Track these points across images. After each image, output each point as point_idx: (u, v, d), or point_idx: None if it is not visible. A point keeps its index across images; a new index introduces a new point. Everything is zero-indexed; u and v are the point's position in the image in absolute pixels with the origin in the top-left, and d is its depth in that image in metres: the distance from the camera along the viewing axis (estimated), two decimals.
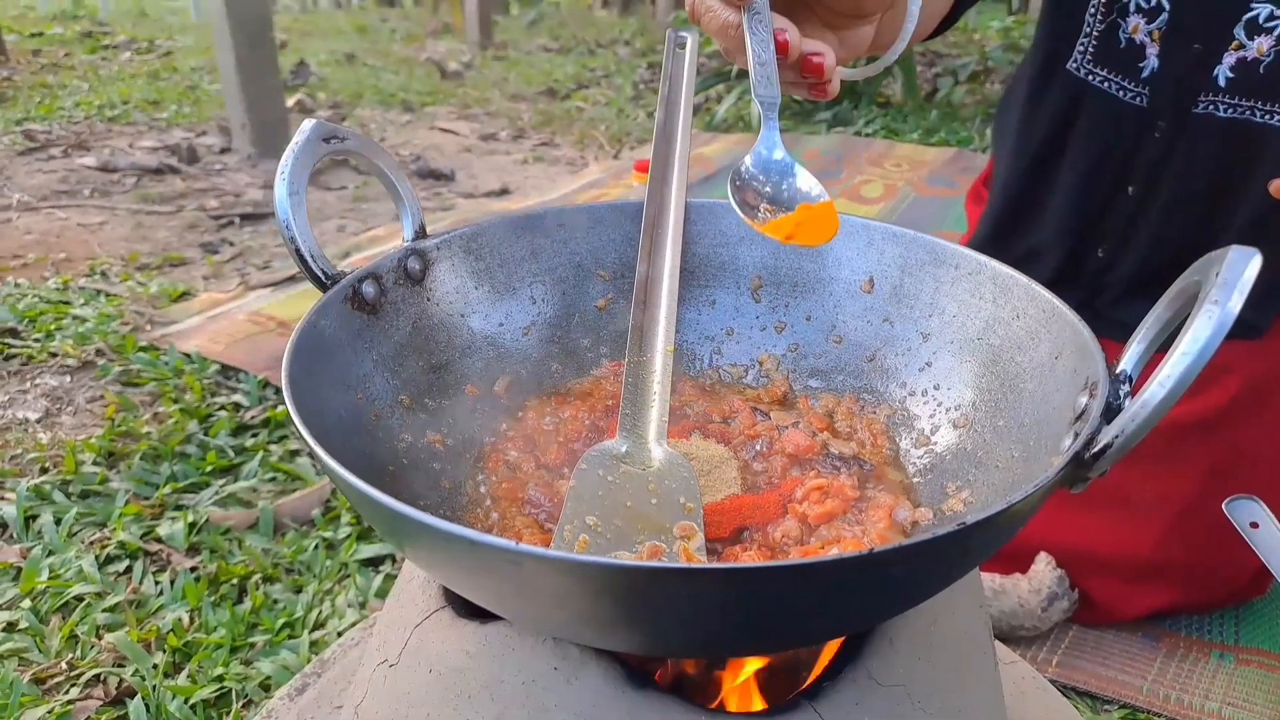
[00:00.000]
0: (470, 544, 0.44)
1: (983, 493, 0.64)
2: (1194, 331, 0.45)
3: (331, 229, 3.06)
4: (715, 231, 0.86)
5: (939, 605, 0.64)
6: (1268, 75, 1.12)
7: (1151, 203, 1.23)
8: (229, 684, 1.28)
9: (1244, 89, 1.13)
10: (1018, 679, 0.97)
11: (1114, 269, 1.29)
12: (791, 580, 0.43)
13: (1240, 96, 1.14)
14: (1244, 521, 0.86)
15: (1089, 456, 0.48)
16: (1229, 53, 1.13)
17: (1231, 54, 1.13)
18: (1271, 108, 1.12)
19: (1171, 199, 1.22)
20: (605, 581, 0.44)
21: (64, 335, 2.22)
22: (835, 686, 0.57)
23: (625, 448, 0.68)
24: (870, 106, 4.51)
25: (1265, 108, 1.13)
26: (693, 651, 0.62)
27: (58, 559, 1.51)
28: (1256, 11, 1.11)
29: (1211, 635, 1.34)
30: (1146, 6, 1.17)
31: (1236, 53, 1.13)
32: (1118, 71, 1.21)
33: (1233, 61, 1.13)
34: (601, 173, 3.71)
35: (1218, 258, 0.47)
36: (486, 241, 0.80)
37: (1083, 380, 0.56)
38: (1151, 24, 1.17)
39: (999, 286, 0.70)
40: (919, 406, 0.74)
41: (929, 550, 0.44)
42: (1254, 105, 1.13)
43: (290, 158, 0.67)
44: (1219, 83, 1.14)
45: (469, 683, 0.57)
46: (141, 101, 4.52)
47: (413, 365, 0.73)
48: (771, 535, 0.64)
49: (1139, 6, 1.17)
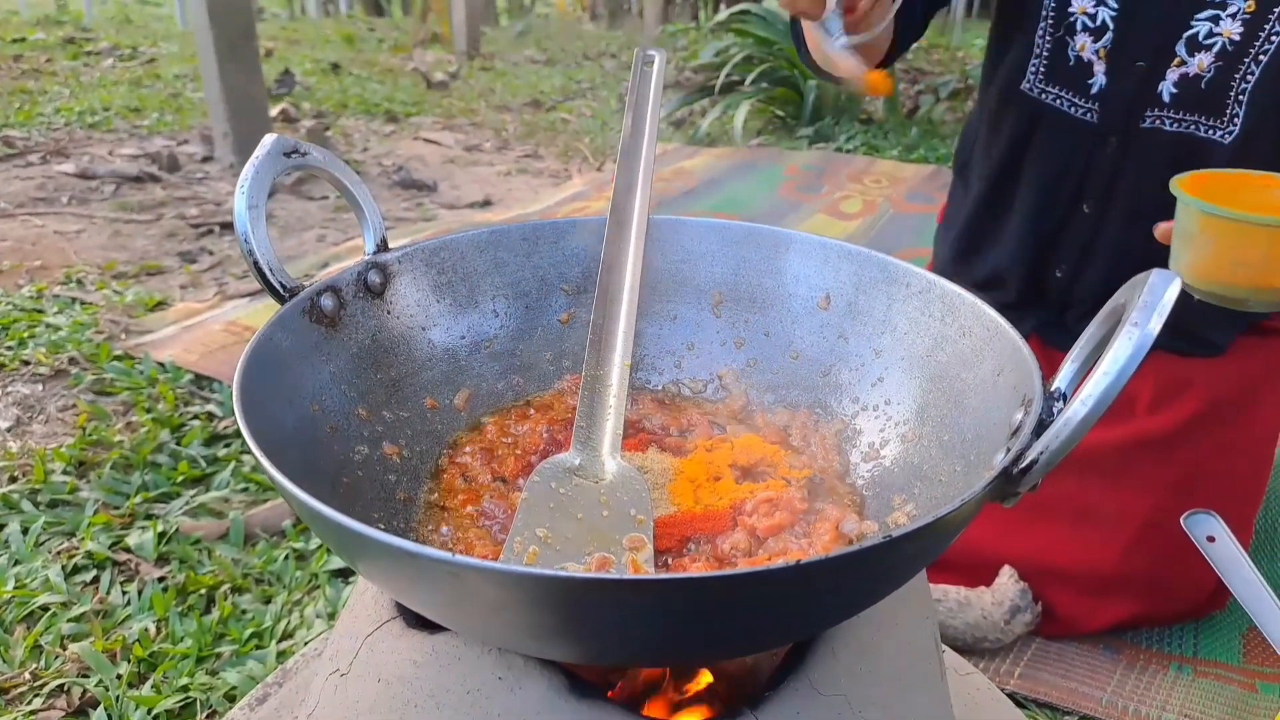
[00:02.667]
0: (409, 556, 0.45)
1: (926, 506, 0.65)
2: (1114, 352, 0.46)
3: (312, 239, 3.06)
4: (677, 247, 0.87)
5: (883, 614, 0.65)
6: (1209, 90, 1.16)
7: (1108, 219, 1.27)
8: (194, 694, 1.28)
9: (1187, 104, 1.18)
10: (972, 690, 0.98)
11: (1076, 286, 1.31)
12: (723, 590, 0.44)
13: (1184, 111, 1.18)
14: (1201, 536, 0.88)
15: (1017, 471, 0.49)
16: (1172, 69, 1.17)
17: (1174, 70, 1.17)
18: (1213, 123, 1.17)
19: (1126, 214, 1.25)
20: (542, 592, 0.45)
21: (37, 343, 2.22)
22: (777, 695, 0.58)
23: (579, 460, 0.69)
24: (851, 123, 4.54)
25: (1208, 123, 1.17)
26: (633, 661, 0.63)
27: (24, 568, 1.50)
28: (1196, 29, 1.15)
29: (1171, 648, 1.35)
30: (1092, 25, 1.21)
31: (1179, 69, 1.17)
32: (1068, 89, 1.25)
33: (1175, 78, 1.17)
34: (584, 185, 3.72)
35: (1141, 280, 0.48)
36: (449, 255, 0.81)
37: (1020, 397, 0.58)
38: (1097, 42, 1.21)
39: (947, 305, 0.71)
40: (869, 421, 0.75)
41: (858, 561, 0.45)
42: (1197, 120, 1.18)
43: (250, 171, 0.68)
44: (1164, 98, 1.19)
45: (415, 692, 0.58)
46: (123, 109, 4.51)
47: (371, 378, 0.74)
48: (720, 547, 0.65)
49: (1085, 25, 1.21)
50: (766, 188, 3.63)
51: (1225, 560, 0.87)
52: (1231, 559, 0.87)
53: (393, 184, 3.67)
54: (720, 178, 3.73)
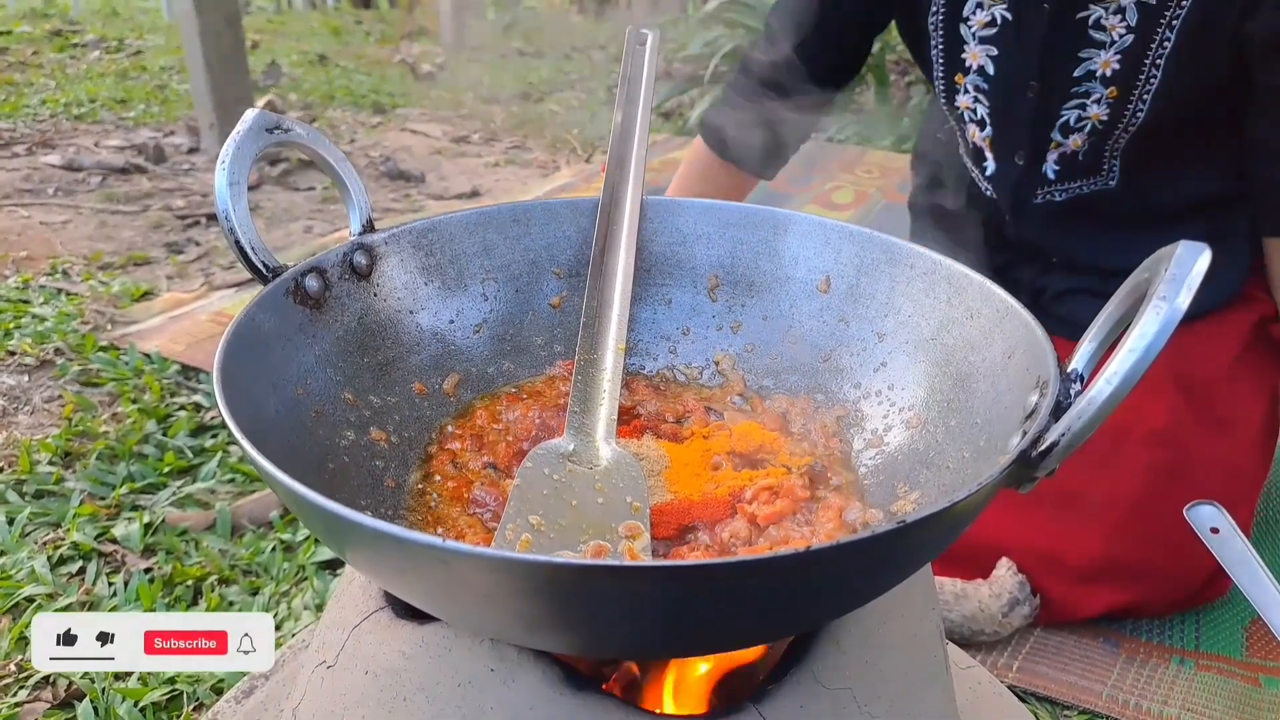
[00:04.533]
0: (397, 541, 0.43)
1: (933, 493, 0.63)
2: (1141, 327, 0.44)
3: (298, 230, 3.03)
4: (672, 229, 0.85)
5: (888, 607, 0.63)
6: (1086, 160, 1.26)
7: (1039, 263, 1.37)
8: (180, 687, 1.26)
9: (1070, 175, 1.29)
10: (974, 684, 0.96)
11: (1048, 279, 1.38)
12: (725, 579, 0.42)
13: (1068, 182, 1.28)
14: (1204, 527, 0.86)
15: (1035, 455, 0.47)
16: (1051, 151, 1.26)
17: (1053, 151, 1.27)
18: (1094, 180, 1.28)
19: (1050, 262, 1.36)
20: (536, 580, 0.42)
21: (22, 334, 2.18)
22: (780, 689, 0.56)
23: (573, 446, 0.67)
24: (843, 113, 4.52)
25: (1090, 182, 1.28)
26: (629, 653, 0.61)
27: (9, 559, 1.48)
28: (1065, 117, 1.23)
29: (1172, 640, 1.34)
30: (974, 119, 1.30)
31: (1056, 150, 1.27)
32: (974, 165, 1.35)
33: (1055, 158, 1.28)
34: (573, 176, 3.69)
35: (1167, 254, 0.46)
36: (437, 237, 0.79)
37: (1035, 379, 0.56)
38: (982, 132, 1.30)
39: (953, 286, 0.69)
40: (872, 407, 0.73)
41: (868, 548, 0.43)
42: (1081, 184, 1.29)
43: (231, 147, 0.65)
44: (1049, 175, 1.29)
45: (404, 684, 0.56)
46: (109, 100, 4.46)
47: (358, 362, 0.71)
48: (720, 535, 0.63)
49: (971, 117, 1.30)
50: None
51: (1230, 552, 0.85)
52: (1236, 551, 0.85)
53: (380, 175, 3.63)
54: None
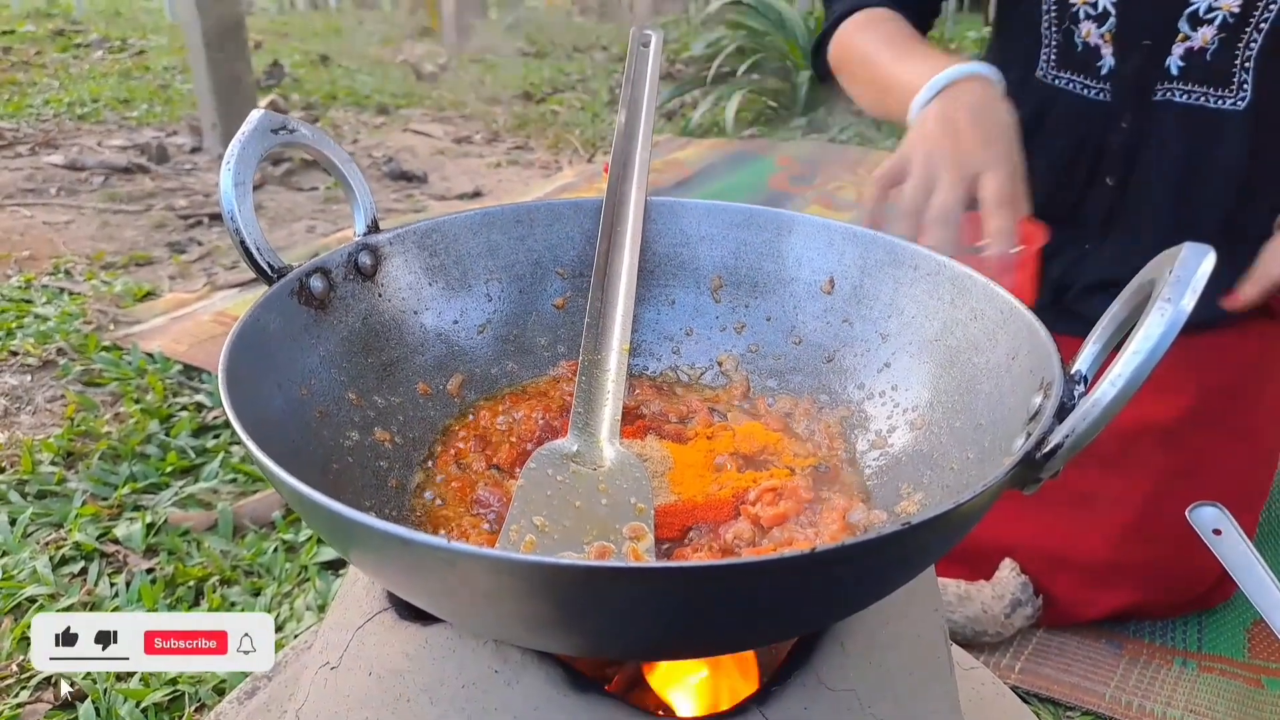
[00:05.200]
0: (402, 542, 0.42)
1: (937, 495, 0.63)
2: (1146, 329, 0.44)
3: (301, 230, 3.04)
4: (676, 230, 0.84)
5: (892, 608, 0.63)
6: (1214, 62, 1.21)
7: (1128, 193, 1.30)
8: (182, 688, 1.26)
9: (1195, 76, 1.22)
10: (977, 685, 0.96)
11: (1085, 266, 1.32)
12: (729, 580, 0.42)
13: (1193, 83, 1.22)
14: (1207, 529, 0.86)
15: (1039, 457, 0.47)
16: (1177, 44, 1.21)
17: (1179, 45, 1.21)
18: (1222, 93, 1.21)
19: (1145, 189, 1.28)
20: (540, 581, 0.42)
21: (25, 334, 2.19)
22: (784, 691, 0.56)
23: (576, 447, 0.67)
24: (845, 114, 4.52)
25: (1217, 93, 1.21)
26: (634, 654, 0.61)
27: (11, 560, 1.48)
28: (1195, 5, 1.19)
29: (1174, 642, 1.34)
30: (1094, 13, 1.25)
31: (1183, 44, 1.21)
32: (1079, 72, 1.28)
33: (1181, 52, 1.21)
34: (575, 176, 3.70)
35: (1172, 255, 0.46)
36: (441, 237, 0.79)
37: (1038, 380, 0.55)
38: (1101, 28, 1.25)
39: (957, 287, 0.69)
40: (876, 408, 0.73)
41: (873, 550, 0.43)
42: (1206, 92, 1.22)
43: (236, 147, 0.65)
44: (1172, 71, 1.23)
45: (408, 685, 0.56)
46: (112, 100, 4.47)
47: (362, 362, 0.71)
48: (723, 537, 0.63)
49: (1087, 14, 1.25)
50: (759, 179, 3.60)
51: (1233, 553, 0.85)
52: (1239, 553, 0.85)
53: (383, 175, 3.64)
54: (713, 169, 3.71)
